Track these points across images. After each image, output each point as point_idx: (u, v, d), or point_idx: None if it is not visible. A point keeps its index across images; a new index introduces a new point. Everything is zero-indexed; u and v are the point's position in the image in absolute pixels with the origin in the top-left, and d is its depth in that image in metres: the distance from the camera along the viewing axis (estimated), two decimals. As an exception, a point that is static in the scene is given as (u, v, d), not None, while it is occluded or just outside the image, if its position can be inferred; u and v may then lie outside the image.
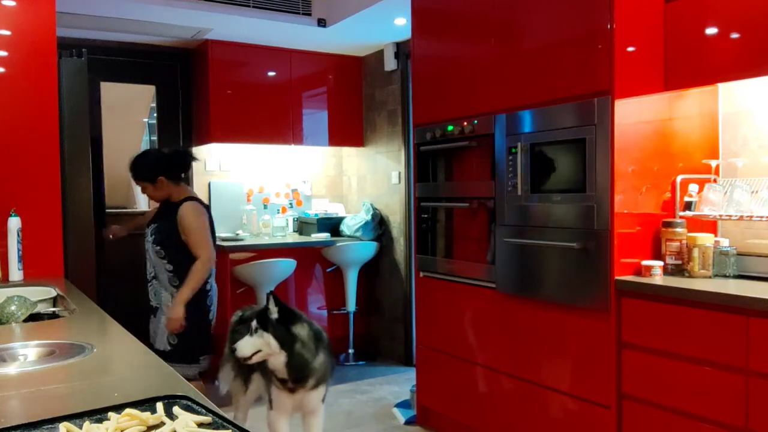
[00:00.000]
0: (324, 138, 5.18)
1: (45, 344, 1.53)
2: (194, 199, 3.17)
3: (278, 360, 2.43)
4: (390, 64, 4.82)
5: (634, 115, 2.49)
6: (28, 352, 1.49)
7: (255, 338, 2.42)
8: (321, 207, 5.33)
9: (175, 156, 3.22)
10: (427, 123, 3.46)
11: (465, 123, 3.18)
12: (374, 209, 5.02)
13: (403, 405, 3.87)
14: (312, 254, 4.88)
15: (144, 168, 3.12)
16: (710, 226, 2.66)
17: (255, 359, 2.46)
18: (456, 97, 3.26)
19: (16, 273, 2.52)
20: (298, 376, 2.47)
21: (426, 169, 3.52)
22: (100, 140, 3.62)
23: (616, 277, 2.44)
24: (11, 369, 1.37)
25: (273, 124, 4.89)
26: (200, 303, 3.10)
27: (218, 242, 4.48)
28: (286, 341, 2.40)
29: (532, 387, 2.83)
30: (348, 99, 5.24)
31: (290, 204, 5.32)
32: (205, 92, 4.70)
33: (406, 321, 4.82)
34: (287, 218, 5.14)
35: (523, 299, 2.87)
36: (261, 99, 4.82)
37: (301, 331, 2.43)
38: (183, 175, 3.26)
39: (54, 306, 2.15)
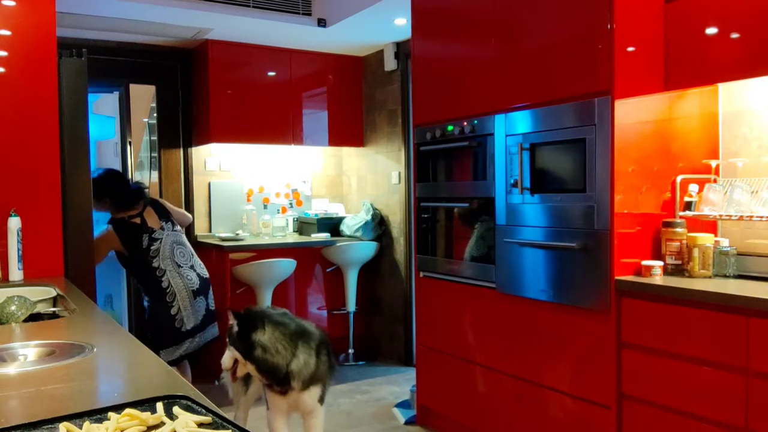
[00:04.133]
0: (324, 138, 5.18)
1: (45, 344, 1.52)
2: (122, 221, 3.38)
3: (251, 368, 2.48)
4: (390, 64, 4.82)
5: (634, 115, 2.49)
6: (28, 352, 1.49)
7: (228, 352, 2.52)
8: (321, 207, 5.33)
9: (127, 191, 3.45)
10: (427, 123, 3.46)
11: (465, 123, 3.18)
12: (374, 209, 5.02)
13: (403, 405, 3.87)
14: (312, 254, 4.88)
15: (95, 185, 3.27)
16: (710, 226, 2.66)
17: (238, 370, 2.53)
18: (456, 97, 3.26)
19: (16, 273, 2.52)
20: (275, 380, 2.49)
21: (426, 169, 3.52)
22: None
23: (616, 277, 2.44)
24: (11, 369, 1.37)
25: (273, 124, 4.89)
26: (158, 299, 3.35)
27: (218, 242, 4.50)
28: (247, 351, 2.44)
29: (532, 387, 2.83)
30: (348, 99, 5.24)
31: (290, 204, 5.32)
32: (205, 92, 4.70)
33: (406, 321, 4.82)
34: (287, 218, 5.14)
35: (523, 299, 2.87)
36: (261, 99, 4.82)
37: (261, 337, 2.44)
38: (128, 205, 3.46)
39: (54, 306, 2.14)
